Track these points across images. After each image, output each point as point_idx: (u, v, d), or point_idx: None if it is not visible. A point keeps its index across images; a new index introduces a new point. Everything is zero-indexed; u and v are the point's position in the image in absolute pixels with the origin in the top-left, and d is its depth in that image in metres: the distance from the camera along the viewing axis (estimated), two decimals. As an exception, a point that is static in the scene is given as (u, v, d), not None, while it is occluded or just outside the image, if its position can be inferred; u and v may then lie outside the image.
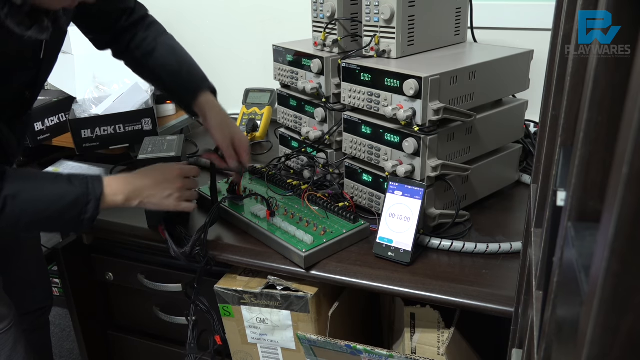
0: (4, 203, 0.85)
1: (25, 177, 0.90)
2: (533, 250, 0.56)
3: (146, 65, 1.15)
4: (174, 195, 0.99)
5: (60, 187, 0.89)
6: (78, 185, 0.90)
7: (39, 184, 0.89)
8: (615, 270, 0.22)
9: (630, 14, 0.30)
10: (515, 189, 1.23)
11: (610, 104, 0.32)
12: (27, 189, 0.87)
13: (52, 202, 0.88)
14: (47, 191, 0.89)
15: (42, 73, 1.01)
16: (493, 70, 1.06)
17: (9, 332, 1.07)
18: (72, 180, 0.91)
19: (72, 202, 0.89)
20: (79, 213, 0.90)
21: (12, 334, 1.08)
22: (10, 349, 1.08)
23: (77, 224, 0.91)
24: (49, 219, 0.90)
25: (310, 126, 1.24)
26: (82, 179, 0.91)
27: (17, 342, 1.09)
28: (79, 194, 0.90)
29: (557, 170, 0.44)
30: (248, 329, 1.10)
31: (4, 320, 1.07)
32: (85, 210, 0.90)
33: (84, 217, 0.90)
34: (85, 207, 0.90)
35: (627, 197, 0.21)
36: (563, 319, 0.34)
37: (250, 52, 1.79)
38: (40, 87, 1.04)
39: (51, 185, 0.90)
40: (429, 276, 0.93)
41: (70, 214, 0.89)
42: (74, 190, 0.89)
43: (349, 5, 1.15)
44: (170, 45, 1.16)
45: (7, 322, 1.07)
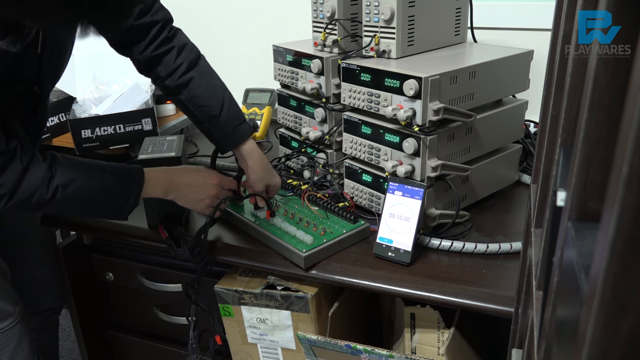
0: (54, 192, 0.89)
1: (74, 166, 0.93)
2: (533, 250, 0.56)
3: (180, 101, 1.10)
4: (206, 201, 1.03)
5: (107, 178, 0.94)
6: (122, 177, 0.96)
7: (87, 173, 0.93)
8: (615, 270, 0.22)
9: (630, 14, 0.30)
10: (515, 189, 1.23)
11: (610, 104, 0.32)
12: (77, 179, 0.91)
13: (98, 193, 0.94)
14: (95, 182, 0.93)
15: (45, 68, 1.00)
16: (493, 70, 1.06)
17: (13, 329, 1.08)
18: (118, 171, 0.96)
19: (117, 193, 0.95)
20: (122, 203, 0.95)
21: (16, 331, 1.08)
22: (15, 346, 1.08)
23: (119, 212, 0.96)
24: (94, 208, 0.96)
25: (310, 126, 1.24)
26: (126, 170, 0.97)
27: (22, 340, 1.10)
28: (124, 185, 0.95)
29: (557, 170, 0.44)
30: (248, 329, 1.10)
31: (8, 318, 1.07)
32: (127, 200, 0.95)
33: (126, 206, 0.96)
34: (128, 197, 0.95)
35: (627, 197, 0.21)
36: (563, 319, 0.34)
37: (250, 52, 1.79)
38: (47, 82, 1.03)
39: (98, 175, 0.94)
40: (429, 276, 0.93)
41: (114, 204, 0.95)
42: (119, 181, 0.95)
43: (349, 5, 1.15)
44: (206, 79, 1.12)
45: (11, 320, 1.08)
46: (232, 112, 1.09)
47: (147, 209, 1.12)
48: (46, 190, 0.90)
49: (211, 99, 1.08)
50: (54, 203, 0.90)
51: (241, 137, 1.08)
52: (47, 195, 0.90)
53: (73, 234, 1.32)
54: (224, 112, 1.07)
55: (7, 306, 1.08)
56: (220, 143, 1.09)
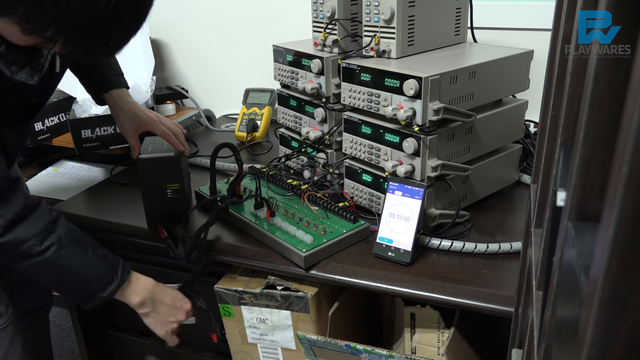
0: (47, 248, 0.90)
1: (75, 232, 0.95)
2: (533, 250, 0.56)
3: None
4: (174, 325, 1.05)
5: (96, 258, 0.96)
6: (109, 265, 0.97)
7: (83, 245, 0.95)
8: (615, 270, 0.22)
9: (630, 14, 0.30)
10: (515, 189, 1.23)
11: (610, 104, 0.32)
12: (73, 245, 0.93)
13: (85, 268, 0.94)
14: (87, 257, 0.95)
15: (52, 84, 1.03)
16: (493, 70, 1.06)
17: (6, 330, 1.07)
18: (107, 257, 0.97)
19: (100, 277, 0.96)
20: (98, 289, 0.95)
21: (8, 332, 1.08)
22: (7, 347, 1.08)
23: (90, 297, 0.96)
24: (73, 281, 0.95)
25: (310, 126, 1.24)
26: (113, 260, 0.98)
27: (15, 341, 1.09)
28: (106, 273, 0.96)
29: (557, 170, 0.44)
30: (248, 329, 1.10)
31: (1, 318, 1.07)
32: (104, 288, 0.96)
33: (100, 294, 0.96)
34: (107, 287, 0.96)
35: (627, 197, 0.21)
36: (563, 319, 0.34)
37: (250, 52, 1.79)
38: (48, 95, 1.06)
39: (90, 252, 0.95)
40: (429, 276, 0.93)
41: (91, 287, 0.96)
42: (107, 266, 0.96)
43: (349, 5, 1.15)
44: None
45: (3, 320, 1.07)
46: (115, 60, 1.20)
47: (146, 209, 1.12)
48: (40, 242, 0.90)
49: None
50: (40, 260, 0.90)
51: (119, 82, 1.17)
52: (38, 248, 0.90)
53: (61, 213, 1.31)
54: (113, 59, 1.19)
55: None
56: (97, 84, 1.16)
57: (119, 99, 1.16)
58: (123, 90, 1.18)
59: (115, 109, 1.17)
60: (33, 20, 0.70)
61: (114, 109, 1.17)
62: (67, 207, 1.26)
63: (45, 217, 0.92)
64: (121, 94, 1.17)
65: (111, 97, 1.16)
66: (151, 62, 1.68)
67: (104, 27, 0.72)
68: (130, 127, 1.15)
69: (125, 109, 1.16)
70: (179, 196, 1.12)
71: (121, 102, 1.16)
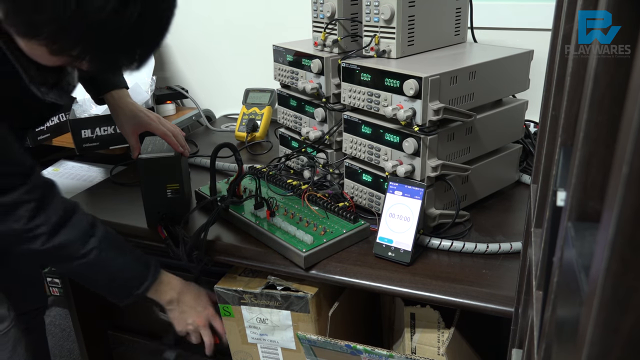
0: (89, 251, 0.93)
1: (112, 235, 0.98)
2: (533, 250, 0.56)
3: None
4: (191, 327, 1.07)
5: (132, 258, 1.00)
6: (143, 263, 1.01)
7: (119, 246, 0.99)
8: (615, 270, 0.22)
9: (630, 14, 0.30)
10: (515, 189, 1.23)
11: (610, 104, 0.32)
12: (111, 248, 0.96)
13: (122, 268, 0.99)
14: (124, 258, 0.99)
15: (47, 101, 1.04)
16: (493, 70, 1.06)
17: (9, 333, 1.07)
18: (140, 257, 1.01)
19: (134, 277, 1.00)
20: (134, 286, 1.00)
21: (12, 335, 1.08)
22: (11, 351, 1.08)
23: (126, 295, 1.00)
24: (111, 280, 0.99)
25: (310, 126, 1.24)
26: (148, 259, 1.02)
27: (18, 344, 1.09)
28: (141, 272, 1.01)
29: (557, 170, 0.44)
30: (248, 329, 1.10)
31: (3, 321, 1.07)
32: (139, 286, 1.00)
33: (136, 292, 1.00)
34: (141, 284, 1.00)
35: (627, 197, 0.21)
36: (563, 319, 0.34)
37: (250, 52, 1.79)
38: (61, 108, 1.07)
39: (127, 252, 1.00)
40: (429, 276, 0.93)
41: (128, 285, 1.00)
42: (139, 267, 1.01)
43: (349, 5, 1.15)
44: None
45: (7, 323, 1.07)
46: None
47: (146, 209, 1.12)
48: (83, 245, 0.93)
49: None
50: (84, 262, 0.93)
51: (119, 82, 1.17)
52: (82, 251, 0.93)
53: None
54: None
55: (1, 310, 1.08)
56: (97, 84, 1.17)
57: (119, 100, 1.16)
58: (123, 91, 1.18)
59: (115, 110, 1.17)
60: (60, 41, 0.71)
61: (114, 110, 1.17)
62: (67, 207, 1.26)
63: (85, 220, 0.95)
64: (121, 94, 1.17)
65: (111, 98, 1.16)
66: (151, 62, 1.68)
67: (129, 40, 0.73)
68: (130, 127, 1.16)
69: (125, 110, 1.16)
70: (179, 196, 1.12)
71: (121, 103, 1.16)
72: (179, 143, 1.13)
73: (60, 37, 0.70)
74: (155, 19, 0.75)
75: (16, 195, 0.87)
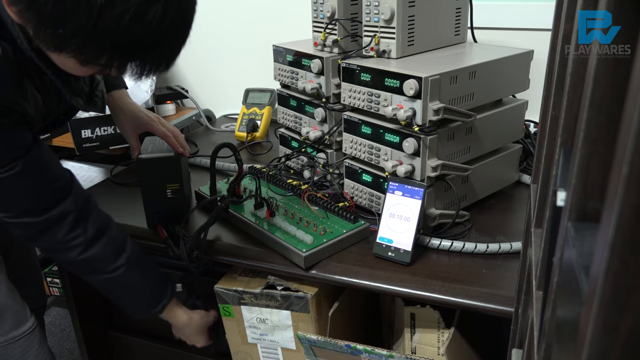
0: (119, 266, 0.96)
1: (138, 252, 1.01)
2: (533, 250, 0.56)
3: None
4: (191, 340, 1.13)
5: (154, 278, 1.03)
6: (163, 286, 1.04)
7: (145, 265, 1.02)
8: (615, 270, 0.22)
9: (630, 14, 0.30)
10: (515, 189, 1.23)
11: (610, 104, 0.32)
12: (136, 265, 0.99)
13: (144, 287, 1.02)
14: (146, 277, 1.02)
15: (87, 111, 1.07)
16: (493, 70, 1.06)
17: (34, 332, 1.10)
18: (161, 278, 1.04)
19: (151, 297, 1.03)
20: (152, 306, 1.03)
21: (36, 334, 1.11)
22: (37, 349, 1.10)
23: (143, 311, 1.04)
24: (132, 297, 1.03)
25: (310, 126, 1.24)
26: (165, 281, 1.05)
27: (43, 343, 1.13)
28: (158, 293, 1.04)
29: (557, 170, 0.44)
30: (248, 329, 1.10)
31: (28, 321, 1.09)
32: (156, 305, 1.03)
33: (152, 310, 1.03)
34: (157, 305, 1.04)
35: (627, 197, 0.21)
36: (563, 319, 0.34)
37: (250, 52, 1.79)
38: (76, 112, 1.10)
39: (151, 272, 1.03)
40: (429, 276, 0.92)
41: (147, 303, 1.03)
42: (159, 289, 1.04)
43: (349, 5, 1.15)
44: None
45: (31, 323, 1.10)
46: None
47: (146, 209, 1.12)
48: (113, 261, 0.96)
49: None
50: (110, 277, 0.96)
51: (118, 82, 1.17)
52: (112, 266, 0.96)
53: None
54: None
55: (24, 309, 1.09)
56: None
57: (118, 100, 1.17)
58: (123, 91, 1.18)
59: (115, 110, 1.17)
60: (87, 51, 0.73)
61: (113, 110, 1.17)
62: (67, 207, 1.26)
63: (119, 236, 0.97)
64: (121, 95, 1.17)
65: (111, 98, 1.16)
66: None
67: (154, 43, 0.75)
68: (130, 127, 1.16)
69: (125, 110, 1.16)
70: (179, 196, 1.12)
71: (121, 103, 1.17)
72: (179, 143, 1.13)
73: (87, 47, 0.72)
74: (177, 19, 0.76)
75: (62, 207, 0.90)
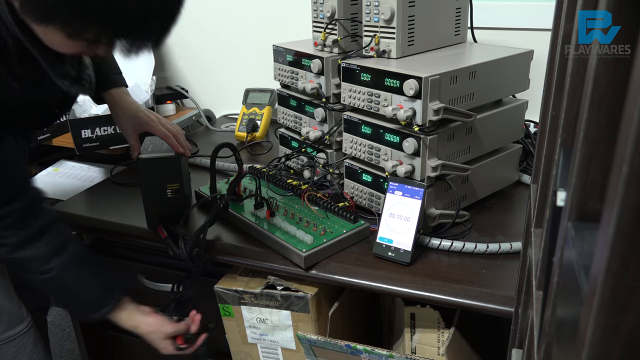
0: (51, 268, 0.95)
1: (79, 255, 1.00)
2: (533, 250, 0.56)
3: None
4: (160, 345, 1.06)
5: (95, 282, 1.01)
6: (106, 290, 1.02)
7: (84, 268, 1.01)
8: (615, 270, 0.22)
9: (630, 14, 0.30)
10: (515, 189, 1.23)
11: (610, 104, 0.32)
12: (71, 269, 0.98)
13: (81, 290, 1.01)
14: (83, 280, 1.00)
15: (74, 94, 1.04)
16: (493, 70, 1.06)
17: (29, 332, 1.10)
18: (107, 283, 1.02)
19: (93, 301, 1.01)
20: (91, 311, 1.01)
21: (31, 334, 1.10)
22: (32, 350, 1.10)
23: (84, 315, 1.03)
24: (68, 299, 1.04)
25: (310, 126, 1.24)
26: (112, 287, 1.02)
27: (38, 342, 1.12)
28: (101, 298, 1.01)
29: (557, 170, 0.44)
30: (248, 329, 1.10)
31: (23, 321, 1.09)
32: (96, 311, 1.01)
33: (92, 315, 1.01)
34: (99, 310, 1.01)
35: (627, 197, 0.21)
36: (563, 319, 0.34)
37: (250, 52, 1.79)
38: (70, 105, 1.08)
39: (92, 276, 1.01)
40: (429, 276, 0.93)
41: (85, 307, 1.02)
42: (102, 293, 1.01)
43: (349, 5, 1.15)
44: None
45: (26, 323, 1.10)
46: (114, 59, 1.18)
47: (146, 209, 1.12)
48: (46, 263, 0.95)
49: None
50: (43, 278, 0.96)
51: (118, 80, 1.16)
52: (43, 267, 0.95)
53: (73, 234, 1.31)
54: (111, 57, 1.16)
55: (19, 310, 1.09)
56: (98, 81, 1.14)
57: (117, 98, 1.16)
58: (122, 89, 1.18)
59: (114, 109, 1.17)
60: (74, 23, 0.72)
61: (113, 109, 1.17)
62: (67, 207, 1.26)
63: (56, 240, 0.97)
64: (120, 93, 1.17)
65: (110, 96, 1.16)
66: (151, 62, 1.68)
67: (145, 17, 0.74)
68: (130, 127, 1.15)
69: (125, 109, 1.16)
70: (179, 196, 1.12)
71: (120, 101, 1.16)
72: (179, 143, 1.13)
73: (75, 19, 0.71)
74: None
75: (7, 209, 0.90)
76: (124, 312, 1.03)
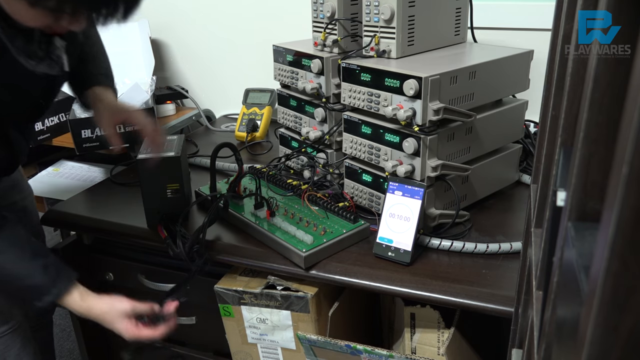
0: None
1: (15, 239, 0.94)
2: (533, 250, 0.56)
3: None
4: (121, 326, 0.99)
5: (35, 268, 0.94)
6: (48, 275, 0.94)
7: (20, 252, 0.94)
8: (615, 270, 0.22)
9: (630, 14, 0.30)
10: (515, 189, 1.23)
11: (610, 104, 0.32)
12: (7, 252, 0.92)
13: (19, 276, 0.94)
14: (21, 264, 0.94)
15: (58, 83, 1.02)
16: (493, 70, 1.06)
17: (16, 332, 1.09)
18: (48, 268, 0.95)
19: (32, 287, 0.94)
20: (34, 298, 0.94)
21: (19, 334, 1.09)
22: (19, 349, 1.09)
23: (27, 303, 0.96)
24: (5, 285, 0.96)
25: (310, 126, 1.24)
26: (56, 272, 0.95)
27: (27, 343, 1.10)
28: (42, 284, 0.94)
29: (557, 170, 0.44)
30: (248, 329, 1.10)
31: (10, 321, 1.08)
32: (40, 299, 0.94)
33: (36, 303, 0.94)
34: (41, 297, 0.94)
35: (627, 197, 0.21)
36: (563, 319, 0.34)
37: (250, 52, 1.79)
38: (54, 96, 1.05)
39: (30, 260, 0.94)
40: (429, 276, 0.93)
41: (27, 294, 0.95)
42: (41, 278, 0.94)
43: (349, 5, 1.15)
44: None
45: (13, 323, 1.08)
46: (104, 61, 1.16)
47: (146, 209, 1.12)
48: None
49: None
50: None
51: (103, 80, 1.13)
52: None
53: (73, 234, 1.32)
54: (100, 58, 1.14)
55: (9, 308, 1.08)
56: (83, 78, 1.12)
57: (100, 94, 1.12)
58: (107, 90, 1.13)
59: (95, 104, 1.12)
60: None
61: (94, 104, 1.12)
62: (67, 207, 1.26)
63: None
64: (103, 91, 1.13)
65: (92, 93, 1.11)
66: (151, 62, 1.68)
67: None
68: (106, 114, 1.10)
69: (104, 102, 1.11)
70: (179, 196, 1.12)
71: (102, 97, 1.11)
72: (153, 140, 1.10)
73: None
74: None
75: None
76: (74, 294, 0.97)
